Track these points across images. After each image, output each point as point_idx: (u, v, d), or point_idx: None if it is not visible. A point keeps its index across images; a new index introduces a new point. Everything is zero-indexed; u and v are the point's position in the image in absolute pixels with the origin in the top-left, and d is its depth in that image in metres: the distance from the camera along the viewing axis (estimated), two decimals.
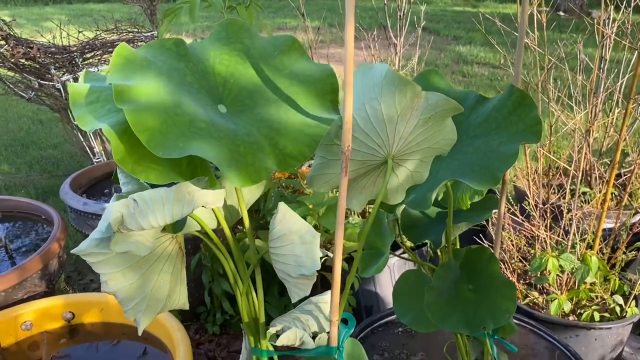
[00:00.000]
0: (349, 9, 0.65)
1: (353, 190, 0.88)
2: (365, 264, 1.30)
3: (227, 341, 2.23)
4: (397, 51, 2.70)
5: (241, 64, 0.84)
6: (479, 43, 7.52)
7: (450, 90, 1.18)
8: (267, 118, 0.80)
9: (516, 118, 1.02)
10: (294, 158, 0.77)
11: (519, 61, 1.11)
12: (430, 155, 0.90)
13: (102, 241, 0.84)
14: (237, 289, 0.95)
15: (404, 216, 1.35)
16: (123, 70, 0.74)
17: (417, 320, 1.29)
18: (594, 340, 1.86)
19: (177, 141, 0.70)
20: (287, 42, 0.88)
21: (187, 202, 0.77)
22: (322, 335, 0.94)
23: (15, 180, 3.80)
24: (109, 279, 0.87)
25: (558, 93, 2.27)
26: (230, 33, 0.87)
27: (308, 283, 0.79)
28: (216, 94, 0.82)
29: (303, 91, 0.84)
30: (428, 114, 0.83)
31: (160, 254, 0.89)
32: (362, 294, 2.17)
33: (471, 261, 1.26)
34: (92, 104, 0.78)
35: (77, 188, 2.46)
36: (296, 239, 0.79)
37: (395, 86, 0.78)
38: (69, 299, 1.75)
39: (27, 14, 10.34)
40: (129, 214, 0.77)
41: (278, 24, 9.14)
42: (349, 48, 0.69)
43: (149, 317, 0.92)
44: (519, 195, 2.55)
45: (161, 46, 0.81)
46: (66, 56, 3.07)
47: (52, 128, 4.89)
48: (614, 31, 2.08)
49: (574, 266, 1.83)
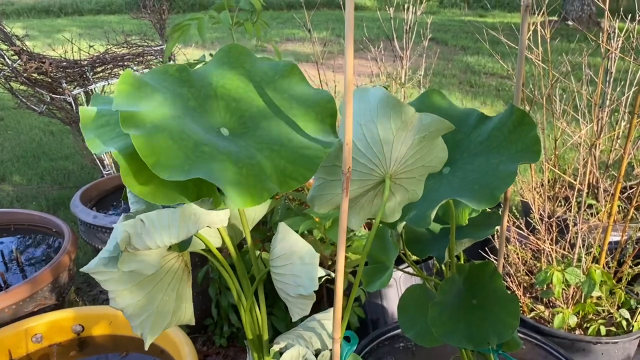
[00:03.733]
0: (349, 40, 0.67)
1: (352, 209, 0.90)
2: (369, 279, 1.32)
3: (234, 353, 2.24)
4: (403, 64, 2.72)
5: (242, 88, 0.87)
6: (486, 53, 7.53)
7: (451, 109, 1.20)
8: (268, 140, 0.82)
9: (516, 137, 1.03)
10: (294, 179, 0.79)
11: (519, 80, 1.12)
12: (424, 173, 0.92)
13: (110, 260, 0.86)
14: (241, 305, 0.97)
15: (408, 231, 1.36)
16: (128, 96, 0.77)
17: (422, 335, 1.30)
18: (600, 354, 1.86)
19: (183, 164, 0.72)
20: (287, 67, 0.90)
21: (192, 222, 0.79)
22: (325, 352, 0.96)
23: (27, 192, 3.85)
24: (117, 296, 0.89)
25: (564, 106, 2.28)
26: (231, 58, 0.89)
27: (307, 303, 0.80)
28: (219, 118, 0.84)
29: (303, 114, 0.86)
30: (422, 134, 0.85)
31: (167, 272, 0.92)
32: (369, 307, 2.17)
33: (475, 276, 1.27)
34: (102, 127, 0.80)
35: (88, 201, 2.50)
36: (296, 259, 0.81)
37: (390, 109, 0.80)
38: (78, 311, 1.78)
39: (40, 26, 10.48)
40: (136, 234, 0.80)
41: (286, 35, 9.21)
42: (349, 75, 0.72)
43: (155, 332, 0.94)
44: (525, 208, 2.55)
45: (165, 72, 0.84)
46: (77, 70, 3.12)
47: (63, 139, 4.96)
48: (619, 45, 2.08)
49: (579, 280, 1.83)
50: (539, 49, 2.06)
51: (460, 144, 1.14)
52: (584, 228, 1.97)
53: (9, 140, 4.97)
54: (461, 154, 1.12)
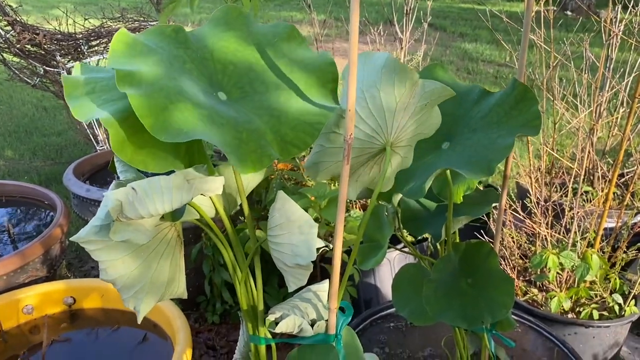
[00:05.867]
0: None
1: (349, 179, 0.88)
2: (364, 256, 1.31)
3: (227, 330, 2.24)
4: (402, 46, 2.69)
5: (240, 51, 0.84)
6: (485, 40, 7.49)
7: (454, 84, 1.18)
8: (267, 105, 0.79)
9: (517, 112, 1.01)
10: (295, 146, 0.77)
11: (523, 55, 1.10)
12: (416, 140, 0.90)
13: (102, 229, 0.84)
14: (236, 277, 0.96)
15: (404, 209, 1.35)
16: (124, 55, 0.74)
17: (416, 313, 1.30)
18: (592, 338, 1.87)
19: (182, 126, 0.70)
20: (287, 29, 0.87)
21: (186, 189, 0.77)
22: (320, 322, 0.95)
23: (19, 167, 3.81)
24: (108, 267, 0.87)
25: (563, 91, 2.27)
26: (229, 19, 0.86)
27: (304, 273, 0.79)
28: (216, 81, 0.82)
29: (304, 79, 0.83)
30: (424, 101, 0.83)
31: (159, 242, 0.90)
32: (362, 287, 2.17)
33: (470, 255, 1.26)
34: (89, 94, 0.77)
35: (80, 175, 2.47)
36: (294, 228, 0.79)
37: (395, 74, 0.78)
38: (70, 284, 1.76)
39: (34, 1, 10.33)
40: (128, 202, 0.77)
41: (284, 17, 9.12)
42: (354, 36, 0.69)
43: (148, 305, 0.92)
44: (521, 192, 2.55)
45: (161, 33, 0.81)
46: (72, 43, 3.07)
47: (56, 115, 4.90)
48: (621, 29, 2.06)
49: (574, 264, 1.83)
50: (542, 31, 2.04)
51: (461, 119, 1.12)
52: (579, 213, 1.96)
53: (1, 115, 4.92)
54: (461, 129, 1.10)
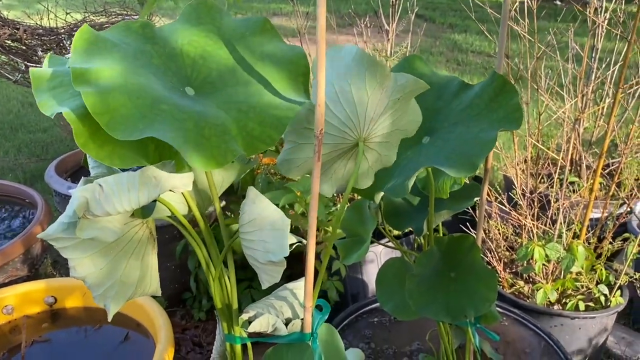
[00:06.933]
0: None
1: (323, 175, 0.86)
2: (347, 251, 1.29)
3: (213, 327, 2.22)
4: (389, 37, 2.67)
5: (211, 45, 0.82)
6: (474, 31, 7.47)
7: (433, 75, 1.16)
8: (236, 100, 0.77)
9: (497, 105, 1.00)
10: (261, 141, 0.75)
11: (502, 46, 1.09)
12: (397, 137, 0.88)
13: (70, 226, 0.82)
14: (210, 274, 0.94)
15: (387, 204, 1.33)
16: (85, 53, 0.72)
17: (399, 308, 1.29)
18: (578, 329, 1.86)
19: (138, 123, 0.68)
20: (259, 22, 0.85)
21: (152, 186, 0.75)
22: (295, 321, 0.93)
23: (3, 164, 3.77)
24: (77, 265, 0.85)
25: (549, 82, 2.25)
26: (200, 14, 0.84)
27: (277, 269, 0.77)
28: (184, 76, 0.80)
29: (274, 72, 0.81)
30: (397, 95, 0.81)
31: (130, 240, 0.88)
32: (349, 281, 2.16)
33: (453, 249, 1.25)
34: (55, 88, 0.75)
35: (63, 172, 2.44)
36: (266, 224, 0.77)
37: (365, 67, 0.76)
38: (50, 283, 1.73)
39: None
40: (94, 199, 0.75)
41: (272, 10, 9.06)
42: (321, 27, 0.67)
43: (118, 303, 0.90)
44: (508, 184, 2.54)
45: (127, 28, 0.79)
46: (54, 38, 3.03)
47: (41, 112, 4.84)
48: (606, 18, 2.05)
49: (559, 255, 1.82)
50: (526, 21, 2.02)
51: (441, 112, 1.10)
52: (565, 204, 1.96)
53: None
54: (441, 123, 1.08)
